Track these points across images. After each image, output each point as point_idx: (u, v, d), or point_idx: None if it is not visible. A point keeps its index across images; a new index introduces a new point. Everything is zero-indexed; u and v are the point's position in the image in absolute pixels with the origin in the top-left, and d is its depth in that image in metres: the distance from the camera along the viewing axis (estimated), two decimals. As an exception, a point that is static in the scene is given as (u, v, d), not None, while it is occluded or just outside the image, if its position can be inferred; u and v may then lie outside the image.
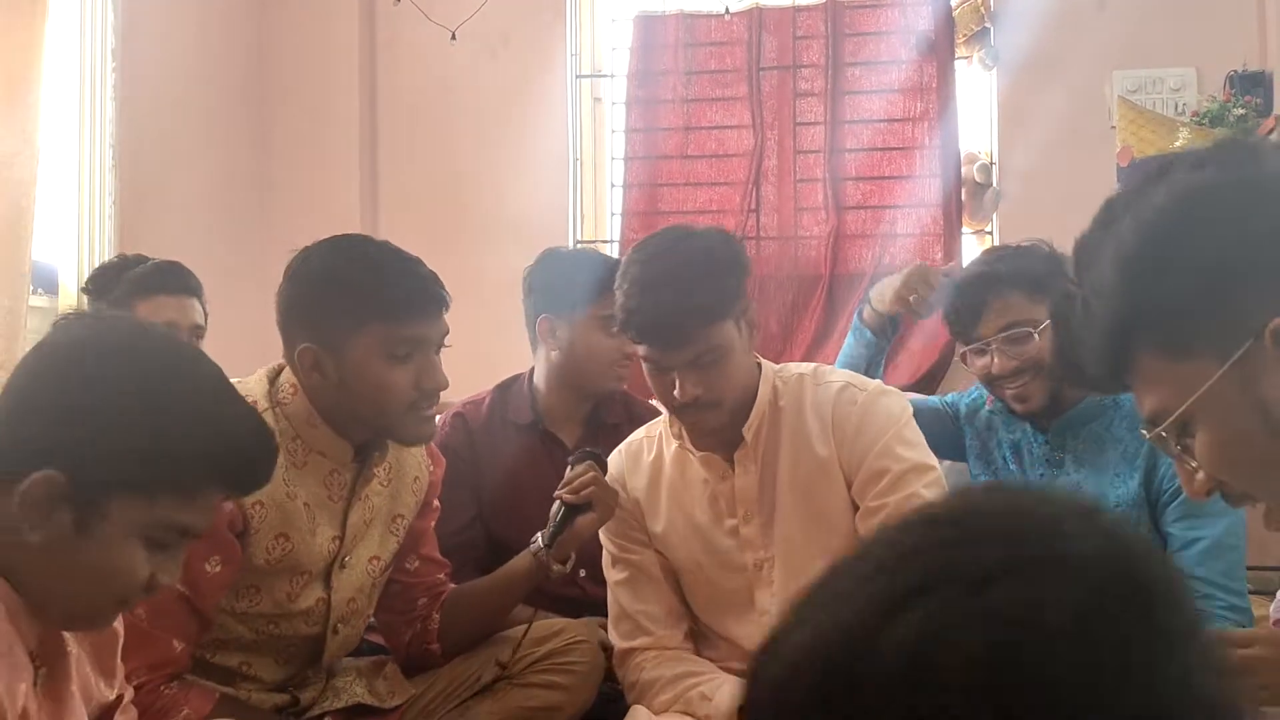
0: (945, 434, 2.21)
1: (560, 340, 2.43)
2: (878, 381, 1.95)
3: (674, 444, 1.94)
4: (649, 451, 1.99)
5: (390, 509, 1.90)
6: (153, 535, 1.17)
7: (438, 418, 2.59)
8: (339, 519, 1.81)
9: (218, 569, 1.68)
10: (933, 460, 1.85)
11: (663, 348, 1.79)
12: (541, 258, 2.60)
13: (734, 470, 1.89)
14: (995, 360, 2.01)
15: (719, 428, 1.85)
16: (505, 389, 2.57)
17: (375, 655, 2.06)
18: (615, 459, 2.03)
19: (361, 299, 1.71)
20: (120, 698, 1.39)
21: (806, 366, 1.95)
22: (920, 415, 1.93)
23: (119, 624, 1.35)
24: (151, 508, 1.16)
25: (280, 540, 1.73)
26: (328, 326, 1.73)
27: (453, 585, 2.06)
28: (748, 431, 1.86)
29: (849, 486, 1.85)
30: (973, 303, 2.04)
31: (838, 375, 1.93)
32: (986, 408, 2.23)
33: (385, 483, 1.88)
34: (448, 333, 1.79)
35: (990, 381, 2.05)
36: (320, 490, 1.78)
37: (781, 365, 1.96)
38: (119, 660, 1.39)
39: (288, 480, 1.73)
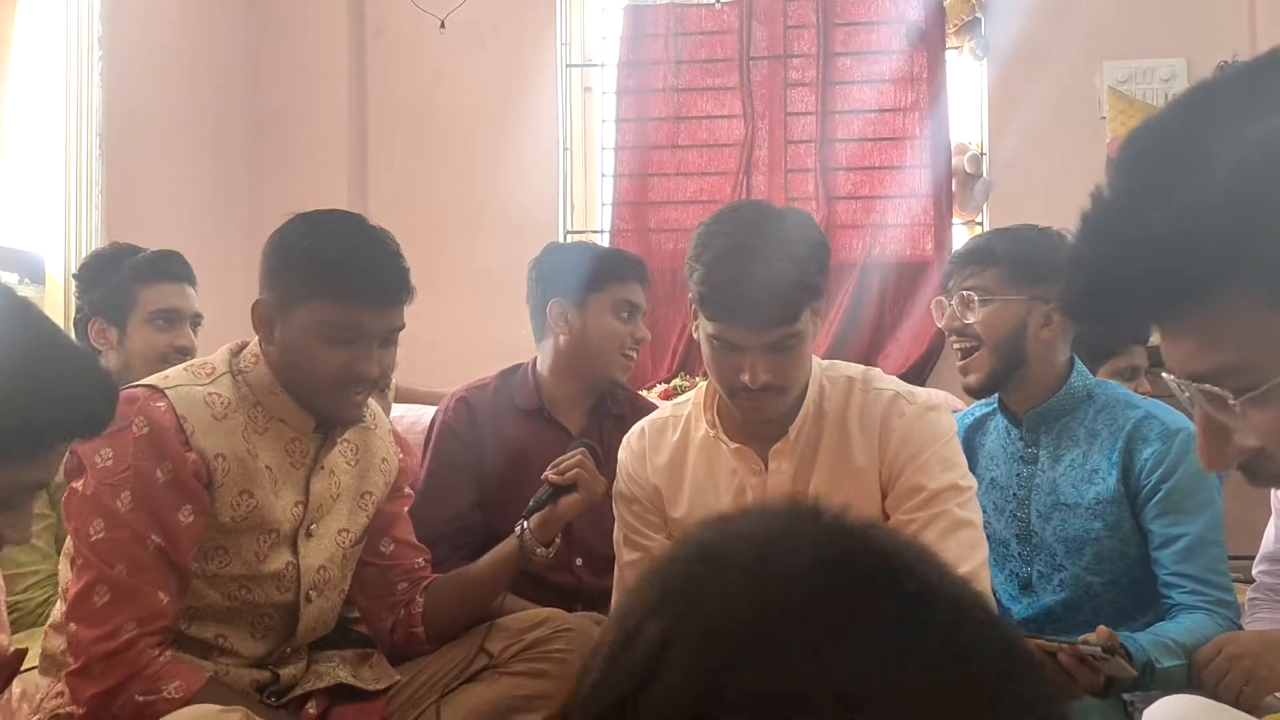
0: None
1: (571, 325, 2.41)
2: (929, 392, 1.91)
3: (703, 429, 1.89)
4: (674, 431, 1.93)
5: (358, 486, 1.93)
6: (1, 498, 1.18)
7: (440, 401, 2.58)
8: (301, 485, 1.83)
9: (190, 519, 1.70)
10: (969, 481, 1.81)
11: (746, 327, 1.71)
12: (548, 248, 2.59)
13: (767, 466, 1.85)
14: (946, 313, 2.12)
15: (776, 416, 1.81)
16: (509, 374, 2.54)
17: (363, 648, 2.06)
18: (635, 434, 1.98)
19: (314, 273, 1.73)
20: (21, 651, 1.43)
21: (855, 369, 1.90)
22: None
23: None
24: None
25: (244, 496, 1.75)
26: (281, 288, 1.76)
27: (437, 574, 2.06)
28: (793, 428, 1.82)
29: (884, 497, 1.81)
30: (959, 255, 2.16)
31: (888, 383, 1.87)
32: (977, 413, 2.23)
33: (352, 462, 1.91)
34: (401, 327, 1.80)
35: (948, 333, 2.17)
36: (282, 456, 1.81)
37: (829, 363, 1.90)
38: (3, 613, 1.46)
39: (248, 439, 1.76)
